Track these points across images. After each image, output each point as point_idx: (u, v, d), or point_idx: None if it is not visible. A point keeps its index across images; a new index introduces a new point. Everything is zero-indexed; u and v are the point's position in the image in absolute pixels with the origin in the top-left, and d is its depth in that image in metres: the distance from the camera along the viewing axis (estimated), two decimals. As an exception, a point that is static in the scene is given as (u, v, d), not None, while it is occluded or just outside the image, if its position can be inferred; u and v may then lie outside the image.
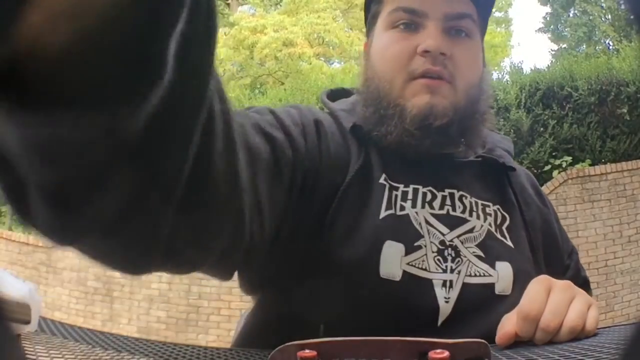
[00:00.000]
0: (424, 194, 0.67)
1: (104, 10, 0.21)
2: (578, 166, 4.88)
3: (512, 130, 5.03)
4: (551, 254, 0.76)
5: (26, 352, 0.44)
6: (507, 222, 0.71)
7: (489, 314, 0.63)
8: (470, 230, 0.67)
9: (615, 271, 4.59)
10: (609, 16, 13.06)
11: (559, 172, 4.86)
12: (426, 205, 0.67)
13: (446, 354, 0.37)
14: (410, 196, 0.67)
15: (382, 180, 0.67)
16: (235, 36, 8.96)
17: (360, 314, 0.62)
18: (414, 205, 0.66)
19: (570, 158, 4.95)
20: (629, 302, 4.53)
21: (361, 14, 1.00)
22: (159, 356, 0.53)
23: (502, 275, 0.66)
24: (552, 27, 14.46)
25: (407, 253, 0.63)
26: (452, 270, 0.64)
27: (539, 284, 0.57)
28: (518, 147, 5.05)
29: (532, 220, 0.74)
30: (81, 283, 4.96)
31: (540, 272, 0.67)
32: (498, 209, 0.72)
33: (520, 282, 0.65)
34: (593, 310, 0.56)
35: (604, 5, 13.16)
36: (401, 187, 0.67)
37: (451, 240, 0.65)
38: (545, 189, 4.79)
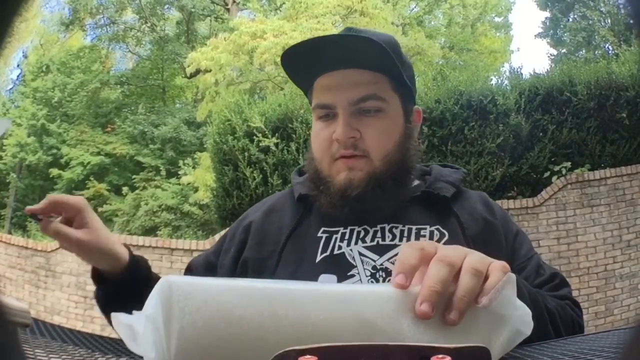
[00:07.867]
0: (358, 232, 0.83)
1: None
2: (577, 171, 4.88)
3: (511, 136, 5.03)
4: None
5: (26, 356, 0.44)
6: (446, 238, 0.83)
7: None
8: None
9: (615, 275, 4.59)
10: (608, 21, 13.10)
11: (558, 177, 4.86)
12: (359, 241, 0.82)
13: (448, 359, 0.37)
14: (347, 236, 0.83)
15: (320, 234, 0.84)
16: (234, 41, 8.95)
17: None
18: (349, 244, 0.82)
19: (570, 163, 4.94)
20: (629, 306, 4.53)
21: (361, 20, 1.08)
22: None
23: None
24: (551, 32, 14.51)
25: (339, 281, 0.75)
26: None
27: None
28: (517, 152, 5.05)
29: (474, 234, 0.84)
30: (80, 287, 4.95)
31: None
32: (437, 228, 0.84)
33: None
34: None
35: (603, 10, 13.21)
36: (340, 229, 0.84)
37: (381, 264, 0.79)
38: (544, 194, 4.79)
